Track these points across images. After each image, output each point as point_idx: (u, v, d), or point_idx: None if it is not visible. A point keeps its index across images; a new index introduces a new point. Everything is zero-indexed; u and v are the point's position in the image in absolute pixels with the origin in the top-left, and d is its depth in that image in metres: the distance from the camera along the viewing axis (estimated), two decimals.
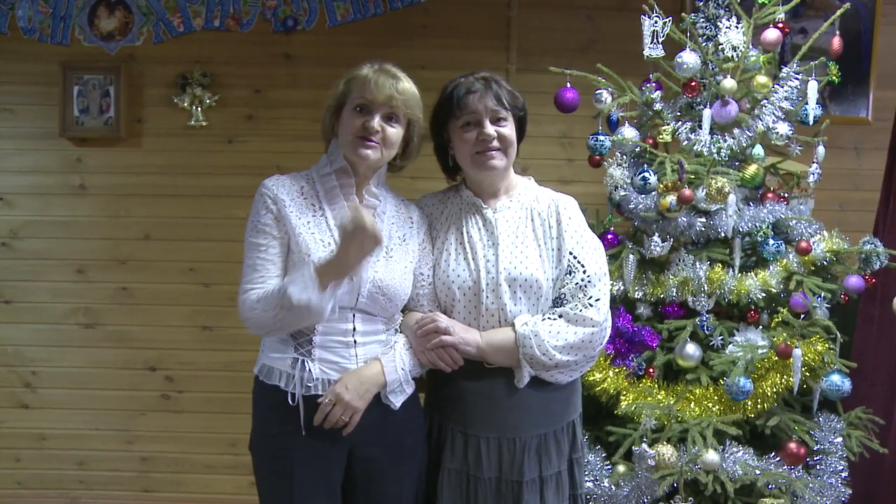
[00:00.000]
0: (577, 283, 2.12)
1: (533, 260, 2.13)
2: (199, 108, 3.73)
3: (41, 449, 3.87)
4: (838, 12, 2.75)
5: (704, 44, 2.76)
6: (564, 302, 2.13)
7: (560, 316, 2.10)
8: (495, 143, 2.13)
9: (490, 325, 2.12)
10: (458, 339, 2.09)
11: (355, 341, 2.05)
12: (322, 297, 1.90)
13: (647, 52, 2.75)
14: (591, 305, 2.10)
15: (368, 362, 2.05)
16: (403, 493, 2.12)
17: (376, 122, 2.03)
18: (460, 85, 2.16)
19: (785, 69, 2.77)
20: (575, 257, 2.14)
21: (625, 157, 2.84)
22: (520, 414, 2.11)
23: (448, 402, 2.17)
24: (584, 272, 2.13)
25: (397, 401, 2.07)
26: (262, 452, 2.09)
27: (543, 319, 2.10)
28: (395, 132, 2.07)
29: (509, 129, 2.15)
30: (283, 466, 2.03)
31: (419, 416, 2.18)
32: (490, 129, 2.12)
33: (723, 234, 2.68)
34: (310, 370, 2.01)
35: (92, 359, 3.84)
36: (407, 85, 2.08)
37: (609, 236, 2.82)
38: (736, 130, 2.74)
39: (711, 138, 2.71)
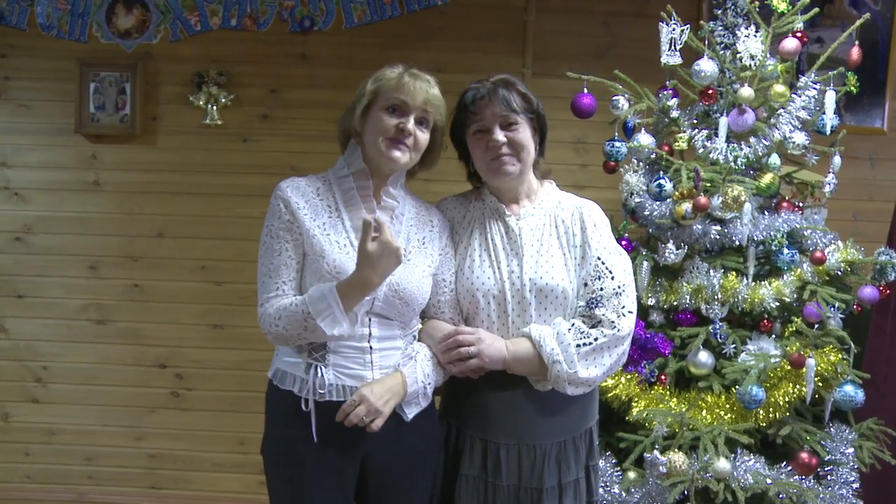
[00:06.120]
0: (613, 290, 2.09)
1: (558, 269, 2.11)
2: (215, 107, 3.75)
3: (50, 444, 3.89)
4: (857, 23, 2.74)
5: (722, 52, 2.76)
6: (597, 307, 2.09)
7: (595, 339, 2.05)
8: (505, 150, 2.10)
9: (516, 334, 2.10)
10: (485, 360, 2.06)
11: (371, 347, 2.03)
12: (351, 324, 1.95)
13: (664, 59, 2.74)
14: (624, 316, 2.08)
15: (391, 373, 2.03)
16: (416, 502, 2.12)
17: (411, 124, 2.01)
18: (469, 91, 2.14)
19: (802, 79, 2.76)
20: (603, 262, 2.12)
21: (640, 163, 2.83)
22: (540, 421, 2.10)
23: (468, 409, 2.16)
24: (613, 278, 2.10)
25: (411, 412, 2.05)
26: (274, 457, 2.07)
27: (578, 346, 2.04)
28: (424, 137, 2.06)
29: (522, 134, 2.12)
30: (295, 472, 2.02)
31: (434, 424, 2.16)
32: (499, 135, 2.10)
33: (737, 243, 2.67)
34: (323, 376, 1.99)
35: (102, 355, 3.85)
36: (438, 91, 2.07)
37: (623, 243, 2.80)
38: (752, 139, 2.73)
39: (728, 146, 2.71)
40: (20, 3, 3.72)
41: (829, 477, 2.58)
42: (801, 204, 2.83)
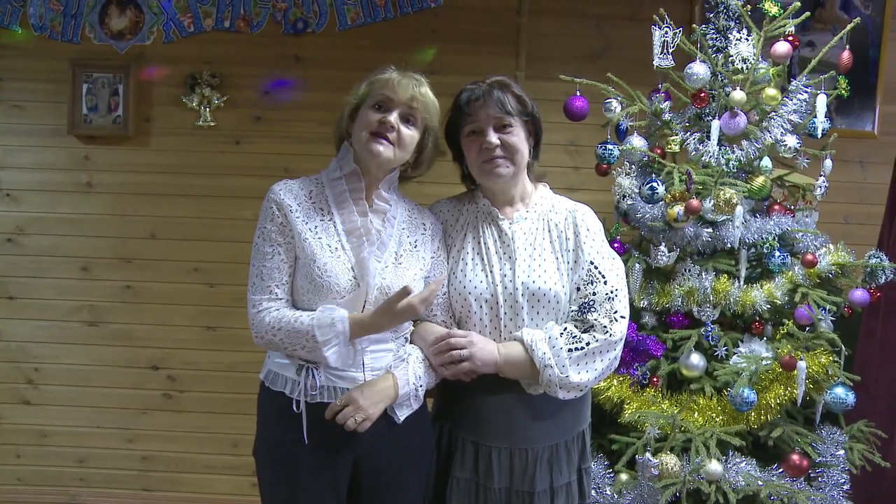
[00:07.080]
0: (606, 295, 2.09)
1: (551, 273, 2.10)
2: (208, 109, 3.74)
3: (42, 446, 3.88)
4: (848, 27, 2.76)
5: (714, 55, 2.77)
6: (590, 311, 2.09)
7: (587, 344, 2.05)
8: (499, 152, 2.10)
9: (508, 338, 2.10)
10: (477, 363, 2.05)
11: (363, 348, 2.03)
12: (352, 362, 1.99)
13: (656, 62, 2.75)
14: (616, 320, 2.08)
15: (382, 375, 2.03)
16: (408, 502, 2.12)
17: (393, 118, 2.01)
18: (465, 92, 2.14)
19: (794, 82, 2.78)
20: (596, 267, 2.11)
21: (633, 166, 2.84)
22: (532, 425, 2.10)
23: (460, 412, 2.15)
24: (605, 282, 2.10)
25: (402, 415, 2.05)
26: (267, 459, 2.07)
27: (570, 350, 2.04)
28: (411, 134, 2.05)
29: (515, 137, 2.12)
30: (287, 473, 2.02)
31: (426, 426, 2.16)
32: (492, 137, 2.10)
33: (729, 245, 2.68)
34: (315, 377, 1.99)
35: (95, 356, 3.84)
36: (428, 90, 2.07)
37: (615, 245, 2.81)
38: (744, 142, 2.75)
39: (720, 149, 2.72)
40: (12, 3, 3.71)
41: (819, 479, 2.60)
42: (792, 207, 2.84)
